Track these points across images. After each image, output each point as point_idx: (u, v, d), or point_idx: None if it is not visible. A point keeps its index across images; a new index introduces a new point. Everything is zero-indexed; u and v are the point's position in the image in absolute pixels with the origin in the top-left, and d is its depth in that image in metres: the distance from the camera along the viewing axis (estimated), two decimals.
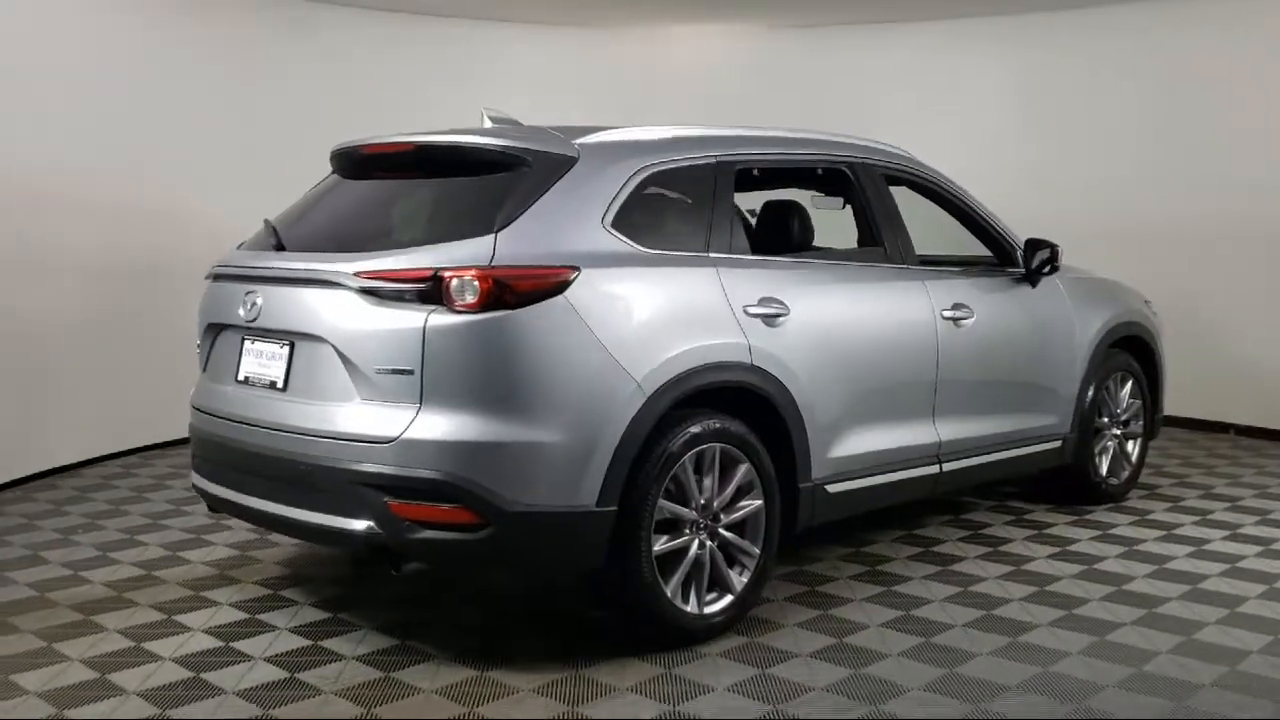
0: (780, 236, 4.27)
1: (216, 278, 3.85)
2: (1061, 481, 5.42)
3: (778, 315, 3.79)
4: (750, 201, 4.62)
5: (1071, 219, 7.99)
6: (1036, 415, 4.94)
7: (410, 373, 3.18)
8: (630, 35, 8.56)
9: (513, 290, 3.20)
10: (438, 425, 3.18)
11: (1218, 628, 3.80)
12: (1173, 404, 7.84)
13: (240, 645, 3.64)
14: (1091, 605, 4.01)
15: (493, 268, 3.21)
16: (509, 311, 3.20)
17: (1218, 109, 7.45)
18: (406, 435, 3.19)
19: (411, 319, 3.20)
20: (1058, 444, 5.10)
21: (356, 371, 3.28)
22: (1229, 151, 7.43)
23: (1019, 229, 5.08)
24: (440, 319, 3.18)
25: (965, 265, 5.00)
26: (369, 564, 4.33)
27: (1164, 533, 4.96)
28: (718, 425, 3.60)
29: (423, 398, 3.19)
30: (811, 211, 4.59)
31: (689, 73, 8.63)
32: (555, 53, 8.37)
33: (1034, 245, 4.87)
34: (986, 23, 8.16)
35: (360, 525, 3.26)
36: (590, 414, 3.28)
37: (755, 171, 4.17)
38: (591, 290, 3.33)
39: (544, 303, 3.24)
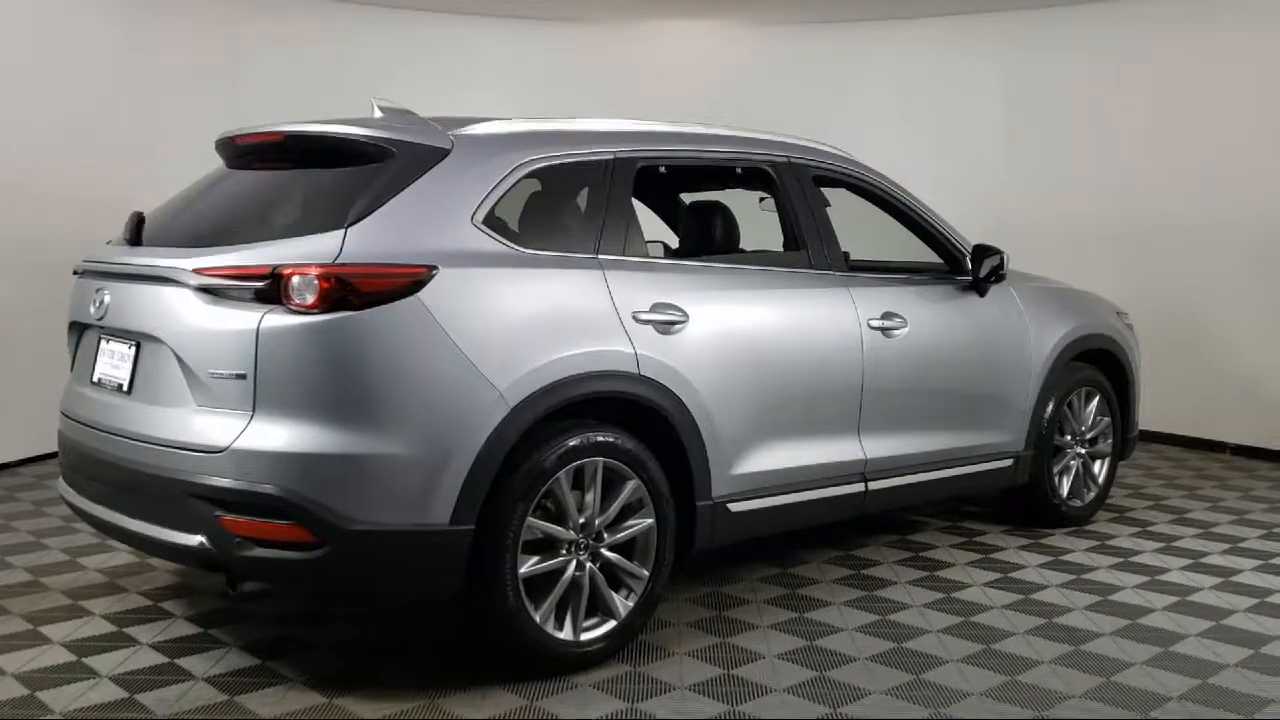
0: (703, 240, 4.03)
1: (79, 273, 3.67)
2: (1018, 503, 5.12)
3: (674, 322, 3.54)
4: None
5: (1072, 222, 7.69)
6: (983, 432, 4.64)
7: (244, 377, 2.97)
8: (608, 31, 8.32)
9: (357, 290, 2.98)
10: (270, 435, 2.96)
11: (1144, 670, 3.49)
12: (1168, 420, 7.52)
13: (92, 661, 3.44)
14: (1015, 640, 3.71)
15: (337, 265, 2.98)
16: (352, 313, 2.97)
17: (1216, 111, 7.09)
18: (237, 445, 2.97)
19: (246, 319, 2.98)
20: (1009, 463, 4.80)
21: (192, 375, 3.07)
22: (1226, 156, 7.07)
23: (1006, 235, 4.81)
24: (276, 320, 2.96)
25: (912, 273, 4.73)
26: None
27: (1119, 560, 4.64)
28: (600, 439, 3.36)
29: (256, 405, 2.97)
30: (750, 214, 4.36)
31: (668, 69, 8.39)
32: (528, 48, 8.15)
33: (981, 252, 4.58)
34: (980, 20, 7.85)
35: (193, 540, 3.05)
36: (443, 425, 3.05)
37: (662, 170, 3.92)
38: (450, 292, 3.09)
39: (393, 304, 3.01)
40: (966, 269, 4.62)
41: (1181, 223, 7.28)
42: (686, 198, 4.94)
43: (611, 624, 3.42)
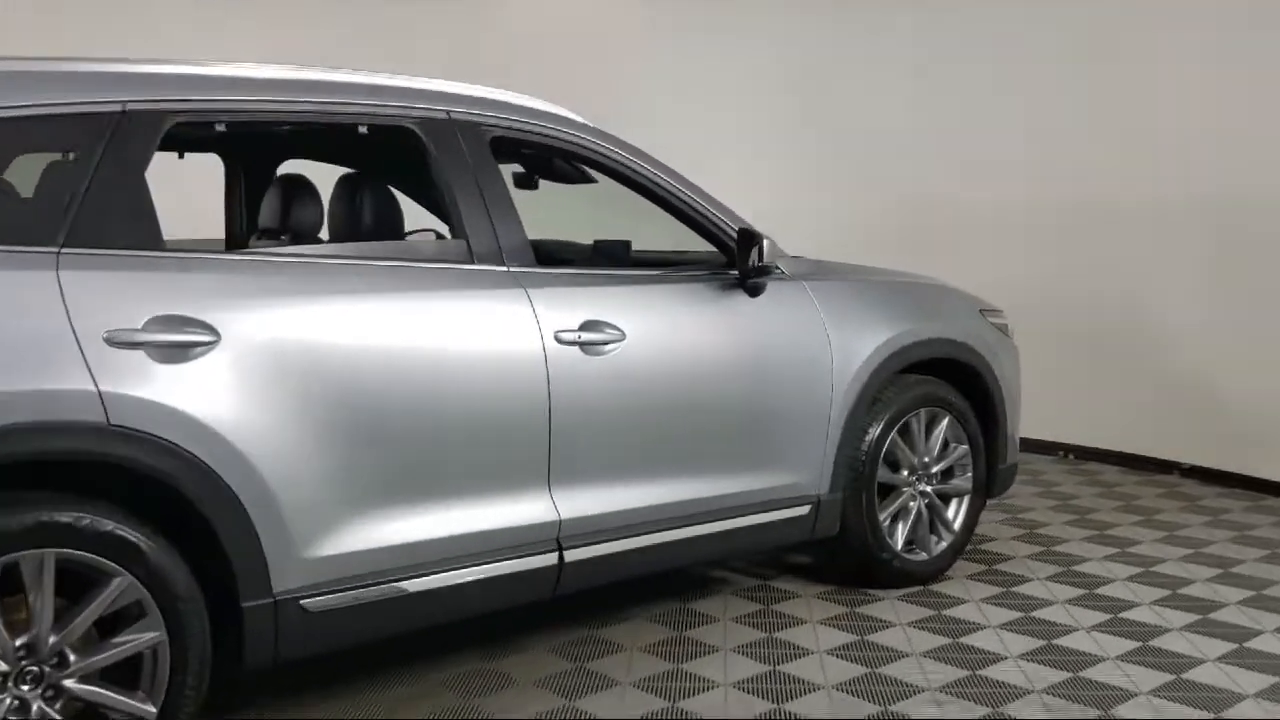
0: (281, 225, 2.98)
1: None
2: (839, 558, 4.00)
3: (189, 345, 2.47)
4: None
5: (997, 208, 6.54)
6: (756, 473, 3.52)
7: None
8: None
9: None
10: None
11: None
12: (1108, 436, 6.32)
13: None
14: None
15: None
16: None
17: (1161, 70, 5.88)
18: None
19: None
20: (804, 510, 3.67)
21: None
22: (1176, 124, 5.86)
23: (919, 223, 3.67)
24: None
25: (678, 268, 3.64)
26: None
27: (945, 642, 3.49)
28: (52, 519, 2.31)
29: None
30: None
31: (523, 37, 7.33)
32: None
33: (746, 239, 3.45)
34: None
35: None
36: None
37: (221, 128, 2.84)
38: None
39: None
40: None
41: (1122, 207, 6.07)
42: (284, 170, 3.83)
43: None
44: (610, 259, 4.04)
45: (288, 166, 3.76)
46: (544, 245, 4.29)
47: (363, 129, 3.02)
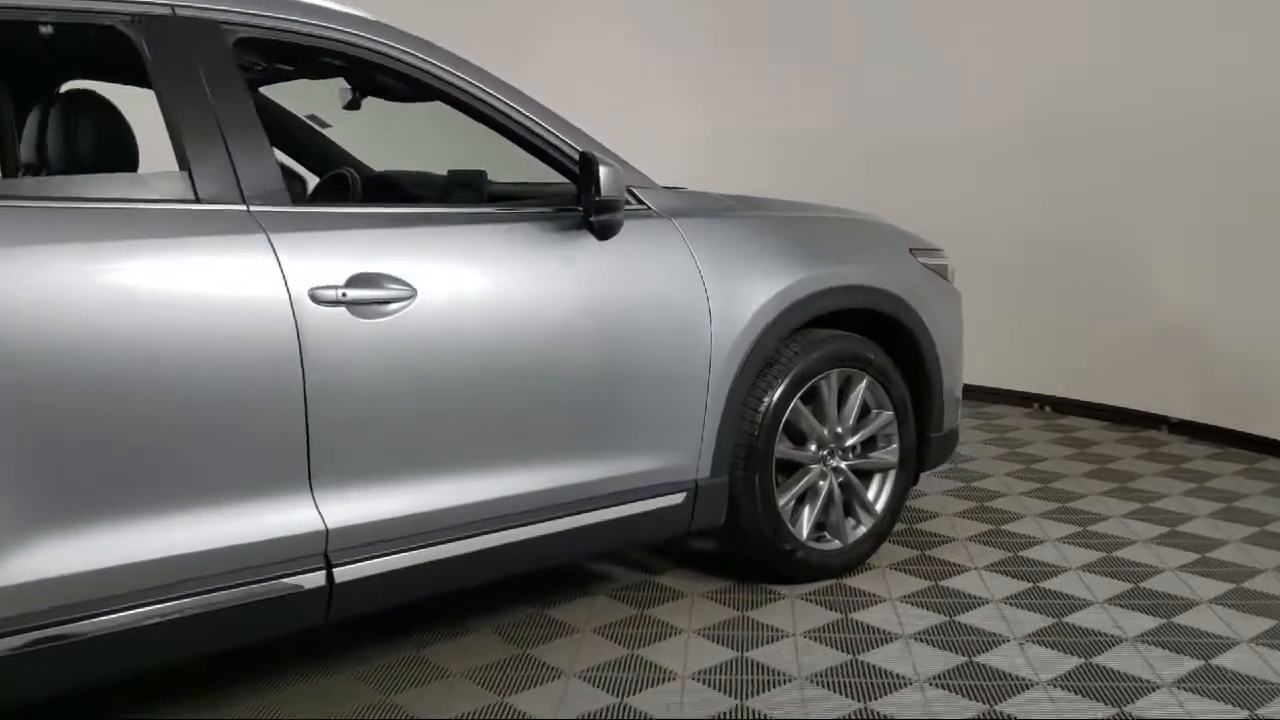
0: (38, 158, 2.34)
1: None
2: (732, 549, 3.36)
3: None
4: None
5: (969, 138, 5.80)
6: (605, 459, 2.85)
7: None
8: None
9: None
10: None
11: None
12: (1088, 388, 5.62)
13: None
14: None
15: None
16: None
17: None
18: None
19: None
20: (678, 499, 3.01)
21: None
22: (1168, 37, 5.09)
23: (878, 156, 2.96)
24: None
25: (515, 203, 2.95)
26: None
27: (843, 660, 2.84)
28: None
29: None
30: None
31: None
32: None
33: (587, 167, 2.73)
34: None
35: None
36: None
37: None
38: None
39: None
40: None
41: (1110, 129, 5.33)
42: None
43: None
44: (459, 194, 3.36)
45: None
46: (392, 179, 3.63)
47: (47, 29, 2.32)
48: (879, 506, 3.48)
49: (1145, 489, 4.31)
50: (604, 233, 2.79)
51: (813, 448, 3.32)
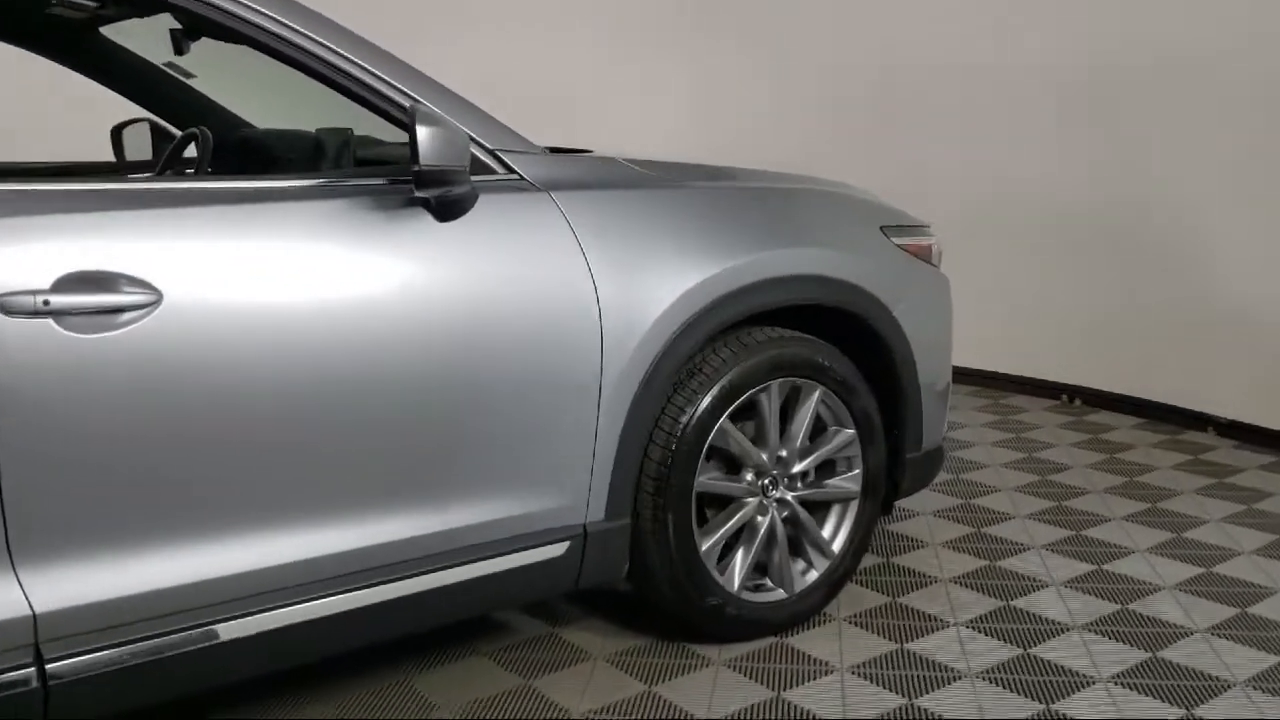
0: None
1: None
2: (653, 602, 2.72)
3: None
4: None
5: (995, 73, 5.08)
6: (445, 506, 2.20)
7: None
8: None
9: None
10: None
11: None
12: (1133, 380, 4.87)
13: None
14: None
15: None
16: None
17: None
18: None
19: None
20: (557, 550, 2.36)
21: None
22: None
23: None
24: None
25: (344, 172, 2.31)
26: None
27: None
28: None
29: None
30: None
31: None
32: None
33: (432, 126, 2.05)
34: None
35: None
36: None
37: None
38: None
39: None
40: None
41: (1154, 88, 4.56)
42: None
43: None
44: (320, 157, 2.72)
45: None
46: (254, 140, 3.00)
47: None
48: (836, 546, 2.82)
49: (1180, 511, 3.60)
50: (444, 211, 2.13)
51: (748, 477, 2.66)
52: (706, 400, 2.51)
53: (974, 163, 5.16)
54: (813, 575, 2.79)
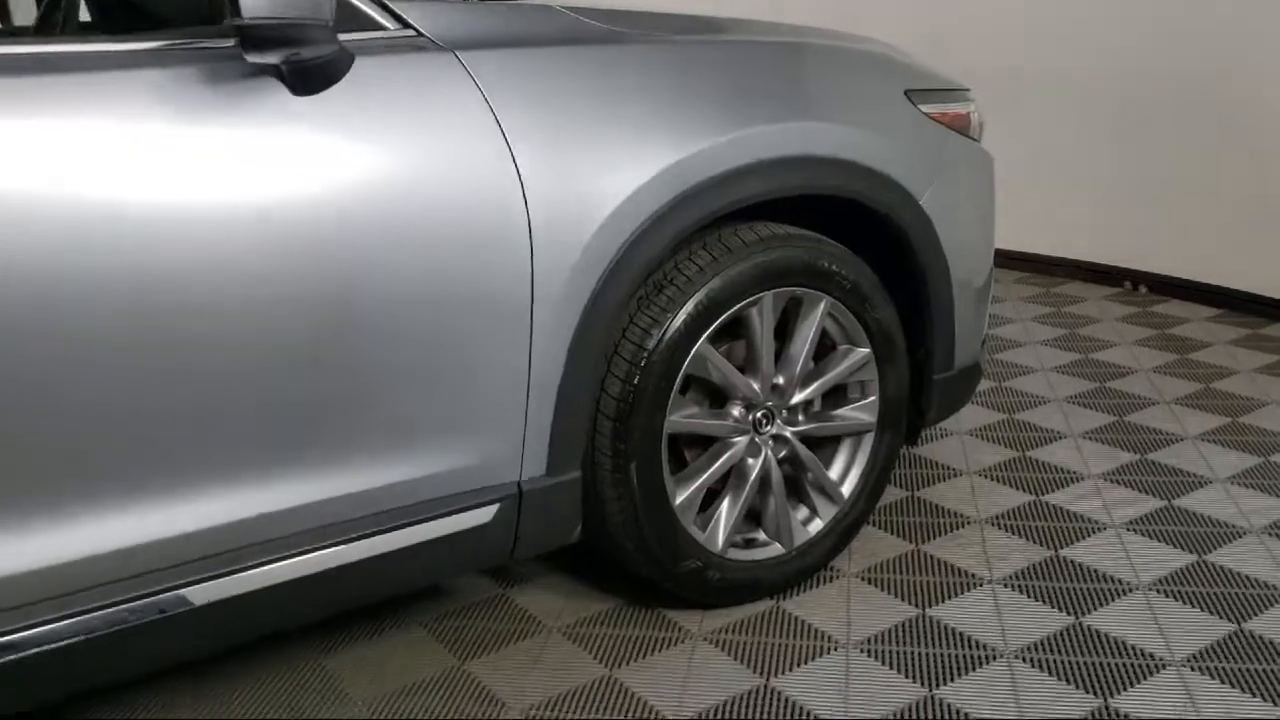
0: None
1: None
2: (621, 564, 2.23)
3: None
4: None
5: None
6: (328, 466, 1.70)
7: None
8: None
9: None
10: None
11: None
12: (1207, 265, 4.25)
13: None
14: None
15: None
16: None
17: None
18: None
19: None
20: (486, 514, 1.87)
21: None
22: None
23: None
24: None
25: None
26: None
27: None
28: None
29: None
30: None
31: None
32: None
33: None
34: None
35: None
36: None
37: None
38: None
39: None
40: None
41: None
42: None
43: None
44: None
45: None
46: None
47: None
48: (846, 489, 2.31)
49: (1267, 428, 3.04)
50: (301, 81, 1.58)
51: (735, 412, 2.15)
52: (679, 319, 1.99)
53: (1037, 18, 4.47)
54: (816, 525, 2.29)
